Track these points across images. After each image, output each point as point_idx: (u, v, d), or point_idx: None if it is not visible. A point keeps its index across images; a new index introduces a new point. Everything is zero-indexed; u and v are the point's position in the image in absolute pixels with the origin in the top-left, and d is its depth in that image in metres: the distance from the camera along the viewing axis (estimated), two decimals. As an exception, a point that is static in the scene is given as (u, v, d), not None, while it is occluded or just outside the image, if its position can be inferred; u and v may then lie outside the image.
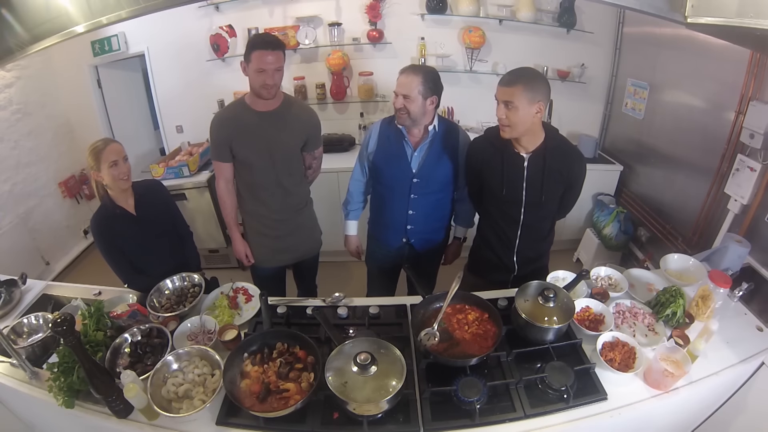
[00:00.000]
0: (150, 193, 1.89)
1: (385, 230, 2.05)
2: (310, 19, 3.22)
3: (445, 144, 1.85)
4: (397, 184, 1.90)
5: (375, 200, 2.08)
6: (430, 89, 1.72)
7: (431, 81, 1.72)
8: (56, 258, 3.50)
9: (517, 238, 1.79)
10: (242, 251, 2.11)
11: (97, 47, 3.35)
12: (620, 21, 3.24)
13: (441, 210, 2.02)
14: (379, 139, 1.91)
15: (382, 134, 1.90)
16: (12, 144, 3.17)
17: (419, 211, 1.94)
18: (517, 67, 1.59)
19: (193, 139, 3.63)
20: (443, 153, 1.85)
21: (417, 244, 2.03)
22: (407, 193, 1.89)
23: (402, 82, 1.72)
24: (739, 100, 2.20)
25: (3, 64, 1.75)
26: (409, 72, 1.71)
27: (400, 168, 1.87)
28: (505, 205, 1.75)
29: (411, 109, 1.73)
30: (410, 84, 1.69)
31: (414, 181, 1.87)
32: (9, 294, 1.82)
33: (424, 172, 1.86)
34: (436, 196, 1.94)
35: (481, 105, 3.45)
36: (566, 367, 1.33)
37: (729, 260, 1.94)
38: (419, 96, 1.70)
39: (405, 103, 1.72)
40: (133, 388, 1.21)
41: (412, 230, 1.98)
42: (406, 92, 1.70)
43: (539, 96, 1.50)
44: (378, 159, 1.92)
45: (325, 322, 1.46)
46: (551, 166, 1.63)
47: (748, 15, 0.95)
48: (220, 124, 1.88)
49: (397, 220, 1.98)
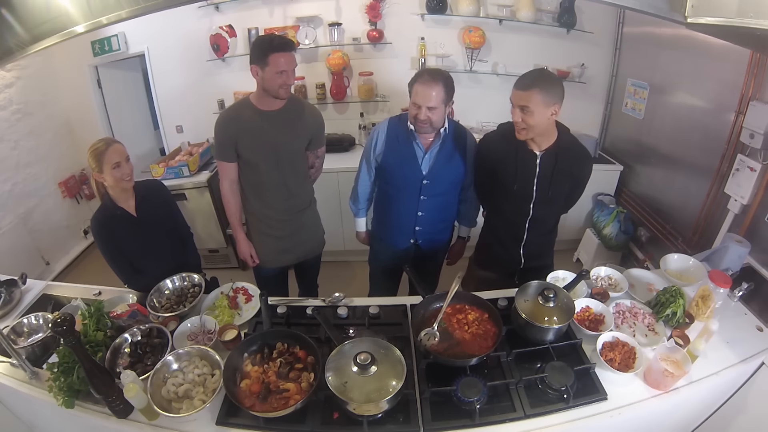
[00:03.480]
0: (151, 194, 1.88)
1: (392, 231, 2.04)
2: (310, 19, 3.22)
3: (455, 145, 1.84)
4: (406, 186, 1.88)
5: (381, 201, 2.05)
6: (450, 95, 1.70)
7: (451, 87, 1.69)
8: (56, 258, 3.49)
9: (525, 232, 1.82)
10: (246, 252, 2.11)
11: (97, 47, 3.35)
12: (620, 21, 3.24)
13: (448, 210, 2.02)
14: (387, 140, 1.87)
15: (390, 135, 1.86)
16: (12, 144, 3.17)
17: (428, 213, 1.94)
18: (532, 70, 1.59)
19: (193, 139, 3.63)
20: (453, 154, 1.84)
21: (423, 244, 2.04)
22: (417, 194, 1.88)
23: (426, 95, 1.65)
24: (739, 100, 2.20)
25: (3, 64, 1.75)
26: (430, 82, 1.64)
27: (410, 169, 1.84)
28: (515, 201, 1.77)
29: (435, 120, 1.70)
30: (436, 96, 1.64)
31: (424, 183, 1.86)
32: (9, 294, 1.82)
33: (434, 174, 1.85)
34: (444, 197, 1.94)
35: (481, 105, 3.46)
36: (566, 367, 1.33)
37: (729, 260, 1.94)
38: (442, 105, 1.68)
39: (430, 114, 1.68)
40: (133, 388, 1.21)
41: (421, 231, 1.98)
42: (433, 104, 1.65)
43: (555, 99, 1.51)
44: (387, 160, 1.88)
45: (325, 322, 1.46)
46: (562, 164, 1.66)
47: (748, 15, 0.95)
48: (224, 124, 1.87)
49: (406, 222, 1.97)
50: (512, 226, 1.84)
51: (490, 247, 1.98)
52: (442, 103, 1.68)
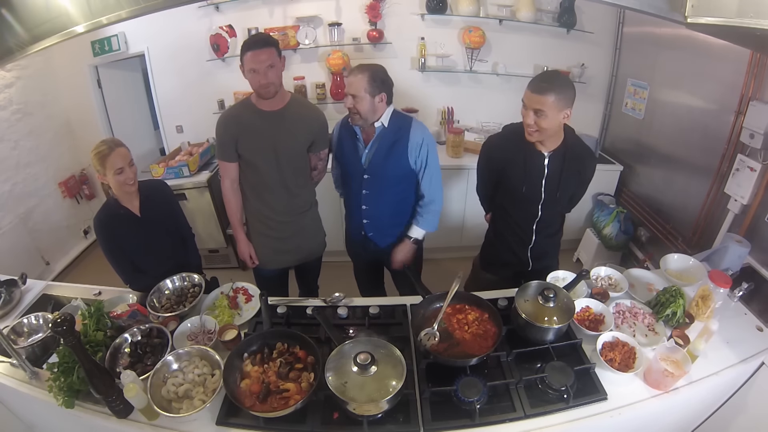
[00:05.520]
0: (155, 194, 1.88)
1: (348, 222, 2.13)
2: (310, 19, 3.22)
3: (394, 139, 1.84)
4: (351, 180, 1.96)
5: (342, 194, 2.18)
6: (378, 87, 1.73)
7: (378, 79, 1.73)
8: (56, 258, 3.49)
9: (533, 233, 1.82)
10: (246, 252, 2.10)
11: (97, 47, 3.35)
12: (620, 21, 3.24)
13: (399, 207, 2.00)
14: (338, 137, 1.97)
15: (340, 133, 1.96)
16: (12, 144, 3.16)
17: (373, 207, 1.97)
18: (547, 72, 1.61)
19: (193, 139, 3.63)
20: (392, 148, 1.85)
21: (377, 238, 2.04)
22: (360, 188, 1.93)
23: (349, 82, 1.74)
24: (739, 100, 2.20)
25: (3, 64, 1.75)
26: (356, 72, 1.73)
27: (352, 164, 1.92)
28: (523, 203, 1.78)
29: (360, 109, 1.75)
30: (357, 84, 1.71)
31: (365, 177, 1.90)
32: (9, 294, 1.82)
33: (373, 169, 1.88)
34: (390, 192, 1.93)
35: (481, 105, 3.46)
36: (566, 367, 1.33)
37: (729, 260, 1.94)
38: (367, 95, 1.72)
39: (354, 102, 1.74)
40: (133, 388, 1.21)
41: (369, 224, 2.01)
42: (353, 92, 1.72)
43: (569, 103, 1.52)
44: (337, 155, 2.00)
45: (325, 322, 1.46)
46: (570, 165, 1.67)
47: (748, 15, 0.95)
48: (225, 124, 1.87)
49: (354, 214, 2.04)
50: (520, 229, 1.85)
51: (496, 250, 1.98)
52: (366, 93, 1.71)
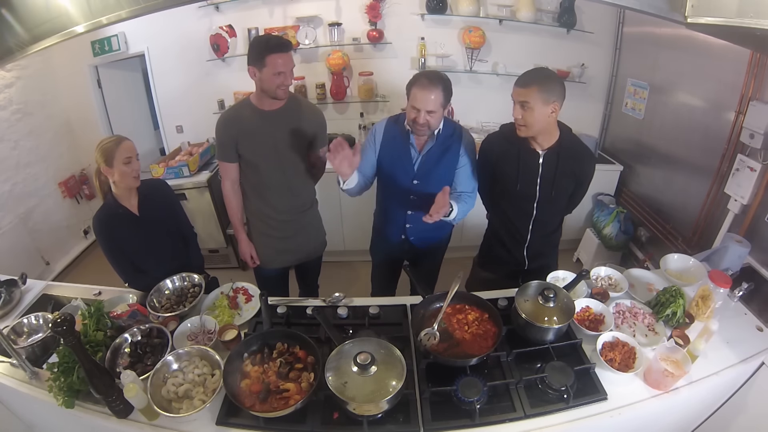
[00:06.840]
0: (155, 193, 1.87)
1: (384, 225, 2.07)
2: (310, 19, 3.22)
3: (447, 146, 1.83)
4: (398, 184, 1.89)
5: (378, 194, 2.07)
6: (448, 98, 1.69)
7: (449, 89, 1.68)
8: (56, 258, 3.49)
9: (529, 232, 1.82)
10: (247, 252, 2.11)
11: (97, 47, 3.35)
12: (620, 21, 3.24)
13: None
14: (383, 139, 1.88)
15: (387, 134, 1.87)
16: (12, 144, 3.16)
17: (419, 211, 1.93)
18: (533, 68, 1.60)
19: (193, 139, 3.63)
20: (444, 155, 1.84)
21: (417, 241, 2.03)
22: (407, 193, 1.89)
23: (425, 99, 1.62)
24: (739, 100, 2.20)
25: (3, 64, 1.75)
26: (428, 85, 1.61)
27: (403, 169, 1.86)
28: (518, 201, 1.78)
29: (433, 123, 1.70)
30: (435, 100, 1.62)
31: (414, 183, 1.86)
32: (9, 294, 1.82)
33: (423, 175, 1.85)
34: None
35: (481, 105, 3.46)
36: (566, 367, 1.33)
37: (729, 260, 1.94)
38: (441, 108, 1.67)
39: (428, 118, 1.66)
40: (133, 388, 1.21)
41: (411, 228, 1.98)
42: (432, 108, 1.63)
43: (554, 96, 1.52)
44: (382, 159, 1.90)
45: (325, 322, 1.46)
46: (564, 163, 1.67)
47: (748, 15, 0.95)
48: (225, 125, 1.87)
49: (397, 218, 1.98)
50: (515, 227, 1.85)
51: (492, 248, 1.98)
52: (440, 107, 1.67)
